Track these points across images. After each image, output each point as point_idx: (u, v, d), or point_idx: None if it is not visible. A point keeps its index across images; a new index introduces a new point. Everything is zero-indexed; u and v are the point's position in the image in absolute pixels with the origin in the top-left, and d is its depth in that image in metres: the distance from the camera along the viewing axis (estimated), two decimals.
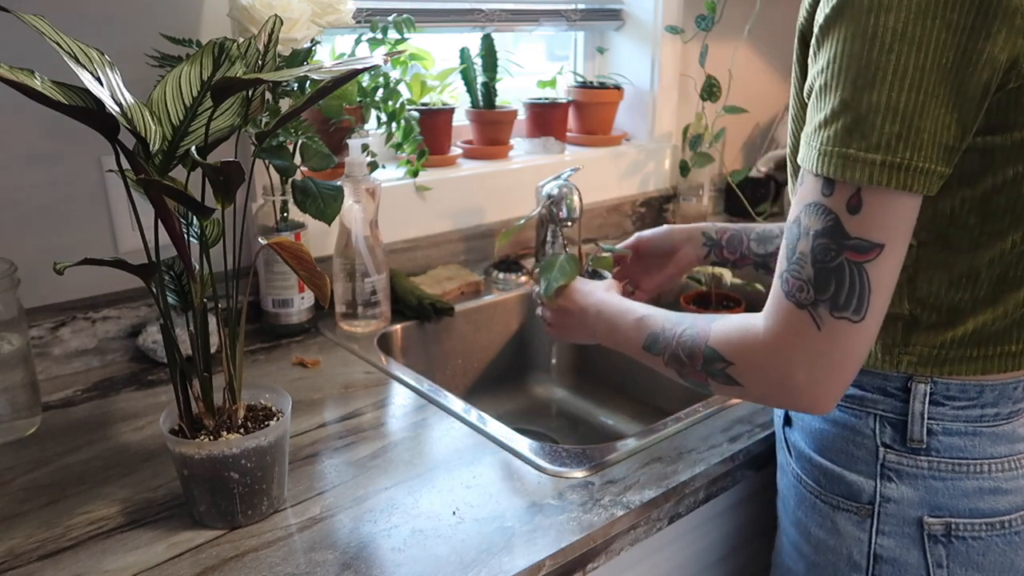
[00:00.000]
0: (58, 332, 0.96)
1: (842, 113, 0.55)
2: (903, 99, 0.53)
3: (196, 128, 0.63)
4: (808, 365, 0.59)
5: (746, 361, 0.64)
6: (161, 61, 0.93)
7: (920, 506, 0.67)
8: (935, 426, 0.66)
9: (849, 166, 0.55)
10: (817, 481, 0.73)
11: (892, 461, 0.68)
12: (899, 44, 0.53)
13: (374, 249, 1.08)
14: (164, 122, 0.61)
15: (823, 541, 0.73)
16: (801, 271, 0.59)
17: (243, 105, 0.66)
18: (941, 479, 0.67)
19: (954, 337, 0.65)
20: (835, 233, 0.57)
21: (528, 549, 0.66)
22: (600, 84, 1.60)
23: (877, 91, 0.54)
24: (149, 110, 0.60)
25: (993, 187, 0.60)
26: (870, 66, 0.54)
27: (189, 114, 0.62)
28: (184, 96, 0.62)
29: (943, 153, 0.55)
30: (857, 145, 0.55)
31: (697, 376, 0.69)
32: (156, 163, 0.62)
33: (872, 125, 0.54)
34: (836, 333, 0.58)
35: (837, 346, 0.58)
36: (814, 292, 0.58)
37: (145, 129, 0.58)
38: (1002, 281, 0.63)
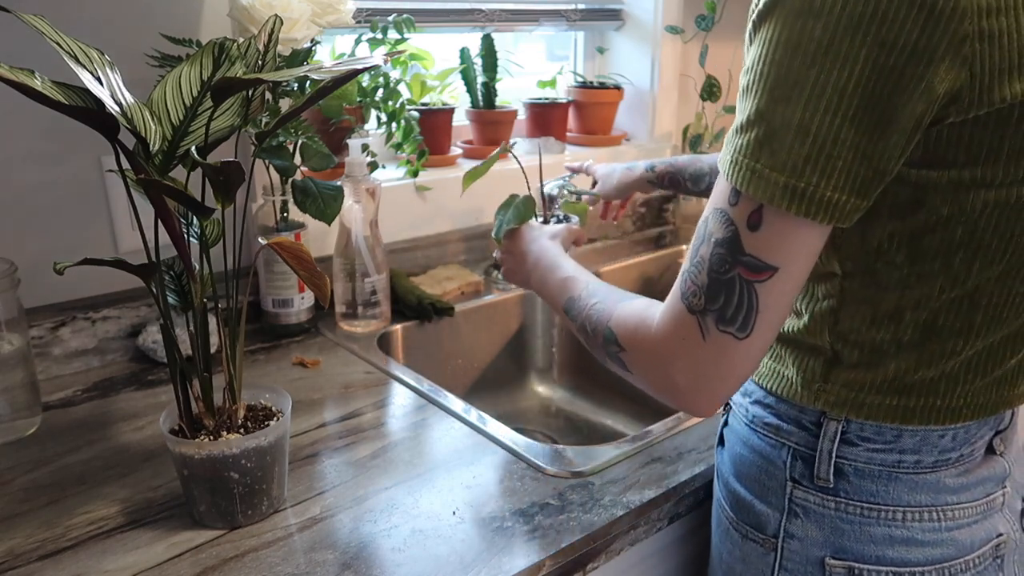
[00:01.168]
0: (58, 332, 0.96)
1: (756, 123, 0.51)
2: (817, 120, 0.48)
3: (196, 128, 0.63)
4: (689, 371, 0.57)
5: (636, 352, 0.62)
6: (161, 61, 0.93)
7: (823, 546, 0.64)
8: (846, 466, 0.63)
9: (754, 181, 0.51)
10: (732, 507, 0.71)
11: (799, 497, 0.65)
12: (822, 58, 0.47)
13: (374, 249, 1.08)
14: (164, 122, 0.61)
15: (732, 568, 0.72)
16: (697, 276, 0.56)
17: (243, 105, 0.66)
18: (848, 522, 0.63)
19: (874, 381, 0.62)
20: (732, 246, 0.54)
21: (528, 549, 0.66)
22: (600, 84, 1.60)
23: (792, 107, 0.49)
24: (149, 110, 0.60)
25: (925, 225, 0.55)
26: (788, 77, 0.49)
27: (189, 114, 0.62)
28: (184, 96, 0.62)
29: (857, 184, 0.50)
30: (765, 161, 0.51)
31: (598, 352, 0.68)
32: (156, 163, 0.62)
33: (781, 142, 0.50)
34: (720, 346, 0.55)
35: (720, 359, 0.56)
36: (704, 300, 0.56)
37: (145, 129, 0.58)
38: (929, 328, 0.59)
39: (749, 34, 0.54)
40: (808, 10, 0.48)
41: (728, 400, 0.60)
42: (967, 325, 0.58)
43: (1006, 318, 0.59)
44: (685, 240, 1.58)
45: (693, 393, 0.58)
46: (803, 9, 0.48)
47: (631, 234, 1.60)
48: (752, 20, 0.53)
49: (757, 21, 0.52)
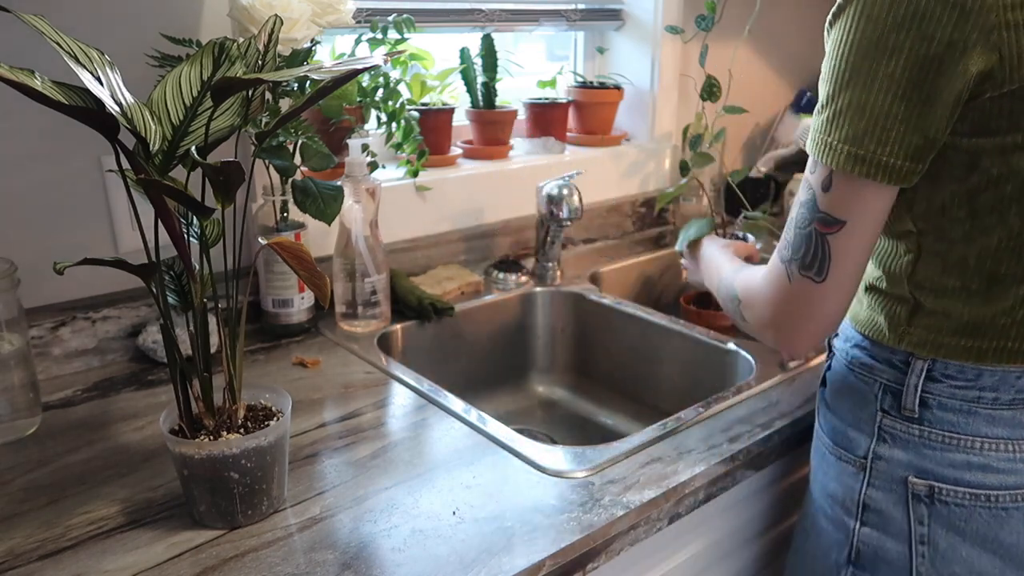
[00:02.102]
0: (58, 332, 0.96)
1: (827, 106, 0.65)
2: (871, 100, 0.61)
3: (196, 128, 0.63)
4: (779, 308, 0.72)
5: (747, 298, 0.79)
6: (161, 61, 0.93)
7: (908, 467, 0.73)
8: (930, 399, 0.72)
9: (827, 152, 0.65)
10: (829, 435, 0.80)
11: (887, 425, 0.74)
12: (874, 51, 0.61)
13: (374, 249, 1.08)
14: (164, 122, 0.61)
15: (826, 487, 0.81)
16: (788, 233, 0.70)
17: (243, 105, 0.66)
18: (930, 447, 0.72)
19: (950, 325, 0.70)
20: (811, 205, 0.67)
21: (528, 549, 0.66)
22: (600, 84, 1.60)
23: (851, 91, 0.62)
24: (149, 110, 0.60)
25: (979, 185, 0.65)
26: (848, 68, 0.62)
27: (189, 114, 0.62)
28: (184, 96, 0.62)
29: (910, 151, 0.62)
30: (834, 135, 0.64)
31: (733, 313, 0.84)
32: (156, 163, 0.62)
33: (845, 119, 0.63)
34: (802, 288, 0.69)
35: (801, 299, 0.70)
36: (791, 251, 0.70)
37: (145, 129, 0.58)
38: (992, 276, 0.68)
39: (825, 32, 0.67)
40: (863, 14, 0.61)
41: (817, 339, 0.72)
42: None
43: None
44: None
45: (785, 329, 0.73)
46: (860, 13, 0.61)
47: (631, 234, 1.60)
48: (827, 21, 0.66)
49: (829, 24, 0.65)
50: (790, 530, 1.00)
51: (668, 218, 1.67)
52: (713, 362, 1.12)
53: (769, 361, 1.02)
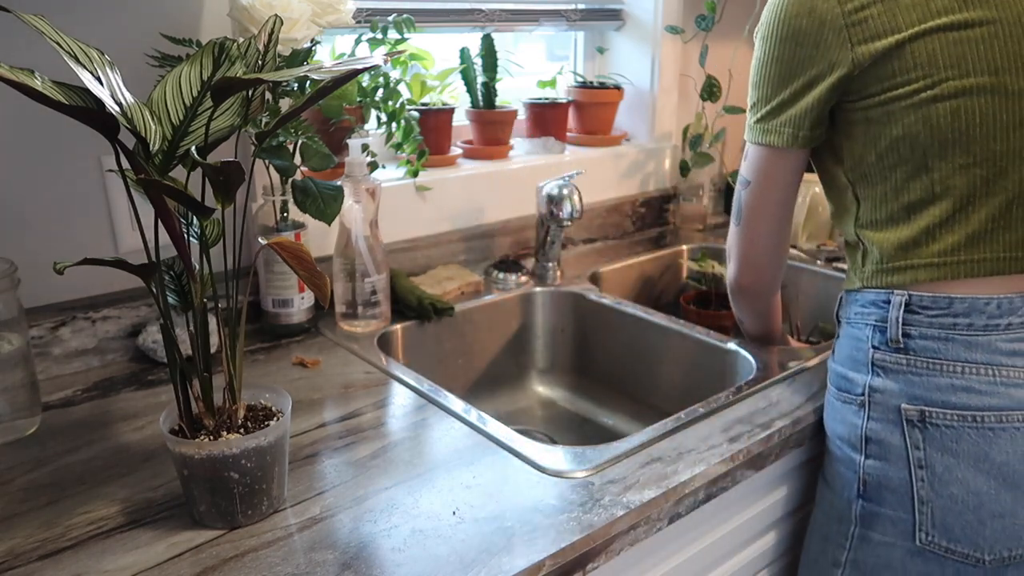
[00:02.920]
0: (58, 332, 0.96)
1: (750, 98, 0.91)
2: (761, 88, 0.88)
3: (196, 128, 0.63)
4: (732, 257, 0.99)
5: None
6: (161, 61, 0.93)
7: (900, 396, 0.80)
8: (911, 331, 0.80)
9: (748, 129, 0.91)
10: (836, 384, 0.88)
11: (879, 359, 0.82)
12: (766, 58, 0.86)
13: (374, 249, 1.08)
14: (164, 122, 0.61)
15: (835, 430, 0.87)
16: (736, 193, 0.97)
17: (243, 105, 0.66)
18: (917, 374, 0.79)
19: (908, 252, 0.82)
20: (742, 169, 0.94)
21: (528, 549, 0.66)
22: (600, 84, 1.60)
23: (757, 87, 0.89)
24: (149, 110, 0.60)
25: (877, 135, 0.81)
26: (756, 70, 0.89)
27: (189, 114, 0.62)
28: (184, 96, 0.62)
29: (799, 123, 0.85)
30: (752, 116, 0.90)
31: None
32: (156, 163, 0.62)
33: (753, 106, 0.90)
34: (732, 230, 0.98)
35: (733, 238, 0.98)
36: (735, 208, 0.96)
37: (145, 129, 0.58)
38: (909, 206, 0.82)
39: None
40: (762, 35, 0.88)
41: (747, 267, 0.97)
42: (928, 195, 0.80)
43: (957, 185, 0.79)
44: (685, 240, 1.58)
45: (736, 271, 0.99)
46: (761, 34, 0.88)
47: (631, 234, 1.60)
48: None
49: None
50: (790, 530, 1.00)
51: (668, 218, 1.67)
52: (713, 362, 1.12)
53: (769, 361, 1.02)
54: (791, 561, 1.03)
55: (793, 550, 1.02)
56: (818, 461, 0.95)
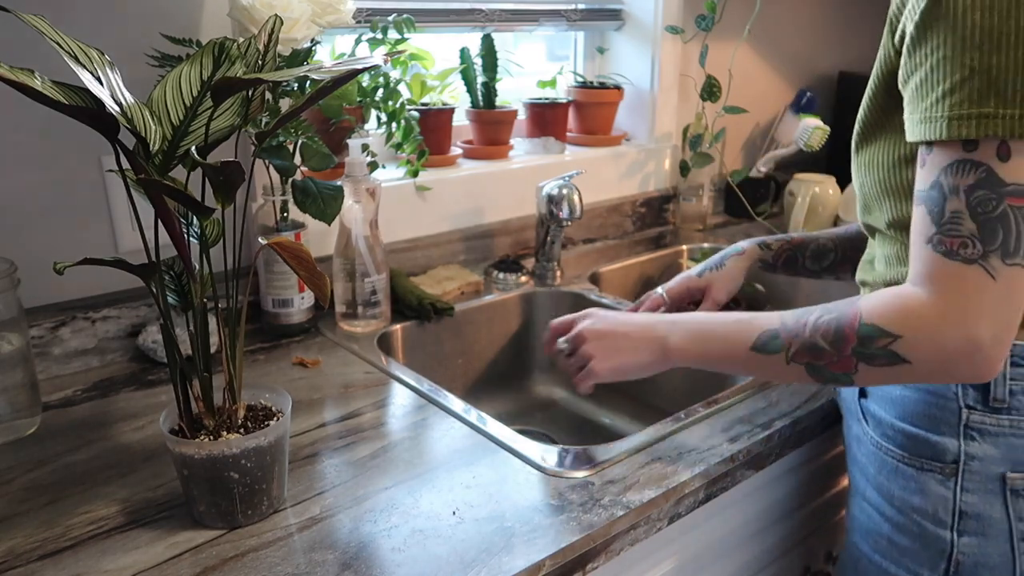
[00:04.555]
0: (58, 332, 0.96)
1: (972, 78, 0.58)
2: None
3: (196, 128, 0.63)
4: (992, 319, 0.60)
5: (917, 330, 0.62)
6: (161, 61, 0.93)
7: (1003, 462, 0.70)
8: (1016, 386, 0.69)
9: (991, 123, 0.58)
10: (901, 446, 0.75)
11: (975, 421, 0.70)
12: (1016, 9, 0.57)
13: (374, 249, 1.08)
14: (164, 122, 0.61)
15: (907, 501, 0.75)
16: (960, 227, 0.60)
17: (243, 105, 0.66)
18: (1022, 436, 0.69)
19: None
20: (991, 183, 0.59)
21: (528, 549, 0.66)
22: (600, 84, 1.60)
23: (1005, 54, 0.57)
24: (149, 110, 0.60)
25: None
26: (992, 32, 0.57)
27: (189, 114, 0.62)
28: (184, 96, 0.62)
29: None
30: (995, 103, 0.58)
31: (841, 364, 0.67)
32: (156, 163, 0.62)
33: (1006, 83, 0.57)
34: (1011, 279, 0.59)
35: (1014, 292, 0.60)
36: (982, 244, 0.59)
37: (145, 129, 0.58)
38: None
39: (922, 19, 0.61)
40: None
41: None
42: None
43: None
44: (685, 240, 1.58)
45: (997, 345, 0.61)
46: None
47: (631, 234, 1.60)
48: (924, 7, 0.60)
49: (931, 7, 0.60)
50: (790, 530, 1.00)
51: (668, 218, 1.67)
52: None
53: None
54: (791, 561, 1.03)
55: (793, 550, 1.02)
56: (818, 463, 0.95)
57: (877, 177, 0.74)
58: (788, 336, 0.69)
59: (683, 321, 0.77)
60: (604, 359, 0.78)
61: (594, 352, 0.78)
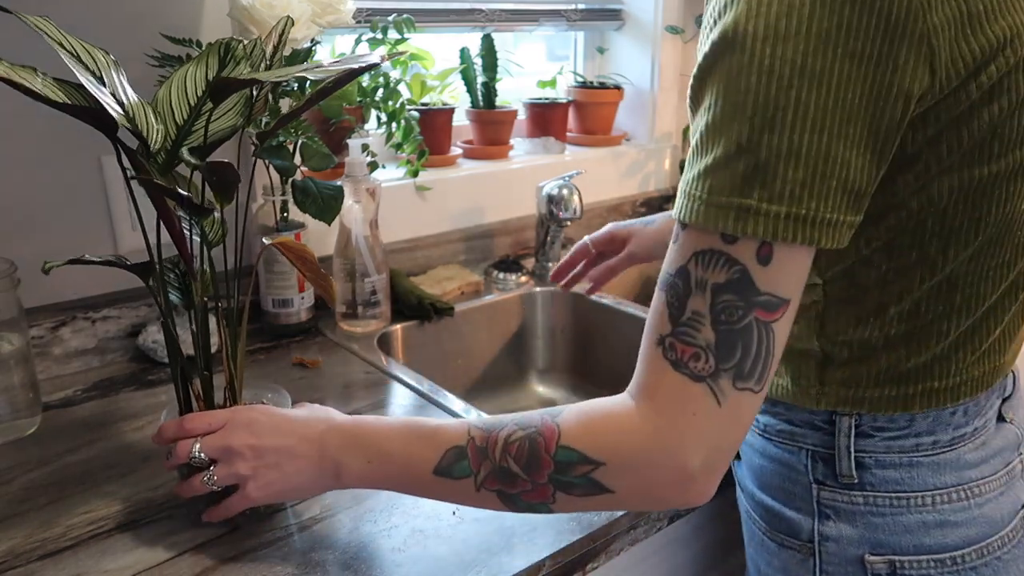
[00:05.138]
0: (58, 332, 0.96)
1: (738, 157, 0.47)
2: (806, 141, 0.46)
3: (199, 128, 0.63)
4: (705, 448, 0.50)
5: (623, 457, 0.52)
6: (161, 61, 0.93)
7: (860, 544, 0.63)
8: (866, 459, 0.62)
9: (752, 219, 0.47)
10: (763, 517, 0.69)
11: (827, 498, 0.64)
12: (799, 79, 0.46)
13: (374, 249, 1.08)
14: (168, 121, 0.61)
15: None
16: (697, 335, 0.49)
17: (246, 105, 0.66)
18: (880, 514, 0.62)
19: (868, 374, 0.61)
20: (743, 288, 0.48)
21: (528, 549, 0.66)
22: (600, 84, 1.60)
23: (778, 133, 0.46)
24: (154, 109, 0.60)
25: (898, 223, 0.55)
26: (768, 104, 0.46)
27: (193, 113, 0.62)
28: (189, 96, 0.61)
29: (852, 201, 0.48)
30: (758, 195, 0.47)
31: (536, 494, 0.55)
32: (158, 162, 0.62)
33: (774, 172, 0.47)
34: (737, 408, 0.50)
35: (737, 424, 0.51)
36: (715, 360, 0.49)
37: (147, 128, 0.58)
38: (914, 316, 0.59)
39: (701, 71, 0.50)
40: (773, 35, 0.46)
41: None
42: (949, 307, 0.58)
43: (985, 293, 0.59)
44: None
45: (708, 473, 0.51)
46: (767, 35, 0.46)
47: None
48: (704, 55, 0.49)
49: (712, 56, 0.49)
50: None
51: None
52: None
53: None
54: None
55: None
56: None
57: None
58: (476, 457, 0.56)
59: (359, 436, 0.62)
60: (262, 483, 0.62)
61: (248, 473, 0.62)
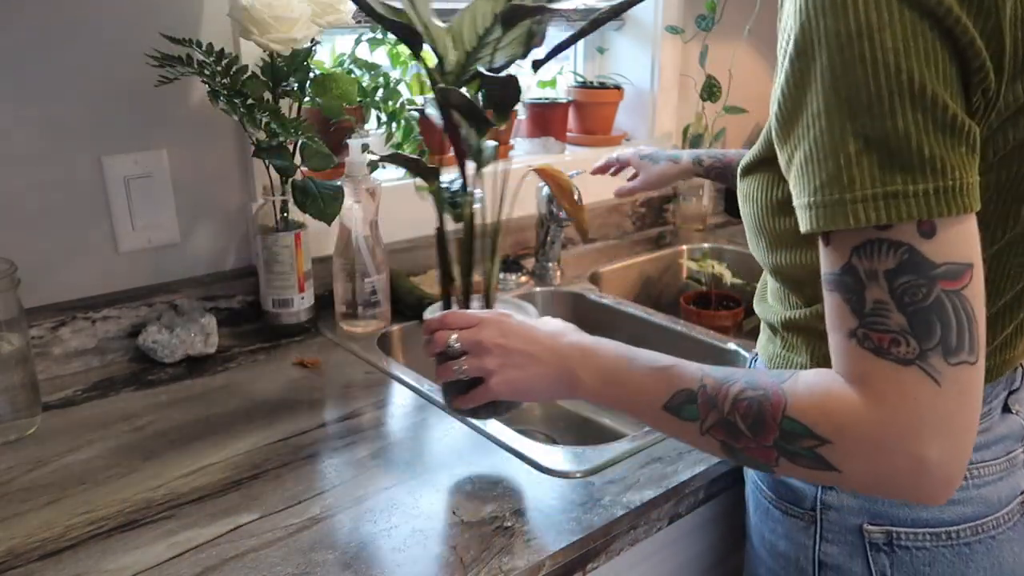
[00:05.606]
0: (58, 332, 0.96)
1: (868, 151, 0.47)
2: (930, 118, 0.47)
3: (484, 55, 0.71)
4: (940, 435, 0.48)
5: (849, 440, 0.51)
6: (161, 61, 0.93)
7: (860, 513, 0.65)
8: None
9: (903, 203, 0.47)
10: (769, 487, 0.72)
11: None
12: (906, 62, 0.46)
13: (374, 249, 1.08)
14: (459, 47, 0.70)
15: (775, 545, 0.72)
16: (888, 322, 0.48)
17: (527, 37, 0.71)
18: None
19: None
20: (917, 265, 0.47)
21: (528, 549, 0.66)
22: (600, 84, 1.60)
23: (901, 117, 0.47)
24: (451, 36, 0.69)
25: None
26: (882, 91, 0.47)
27: (480, 43, 0.69)
28: (477, 26, 0.69)
29: (973, 162, 0.49)
30: (902, 178, 0.47)
31: (760, 453, 0.55)
32: (448, 81, 0.69)
33: (911, 153, 0.47)
34: (960, 382, 0.48)
35: (964, 398, 0.48)
36: (917, 342, 0.48)
37: (442, 47, 0.69)
38: None
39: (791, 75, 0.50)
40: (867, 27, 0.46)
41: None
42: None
43: (1003, 290, 0.60)
44: (685, 240, 1.58)
45: (948, 462, 0.49)
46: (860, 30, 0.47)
47: (631, 234, 1.60)
48: (791, 58, 0.50)
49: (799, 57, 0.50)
50: None
51: (668, 218, 1.67)
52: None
53: None
54: None
55: None
56: None
57: (752, 211, 0.66)
58: (705, 405, 0.58)
59: (599, 356, 0.65)
60: (504, 377, 0.67)
61: (494, 368, 0.67)
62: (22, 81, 0.90)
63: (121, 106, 0.96)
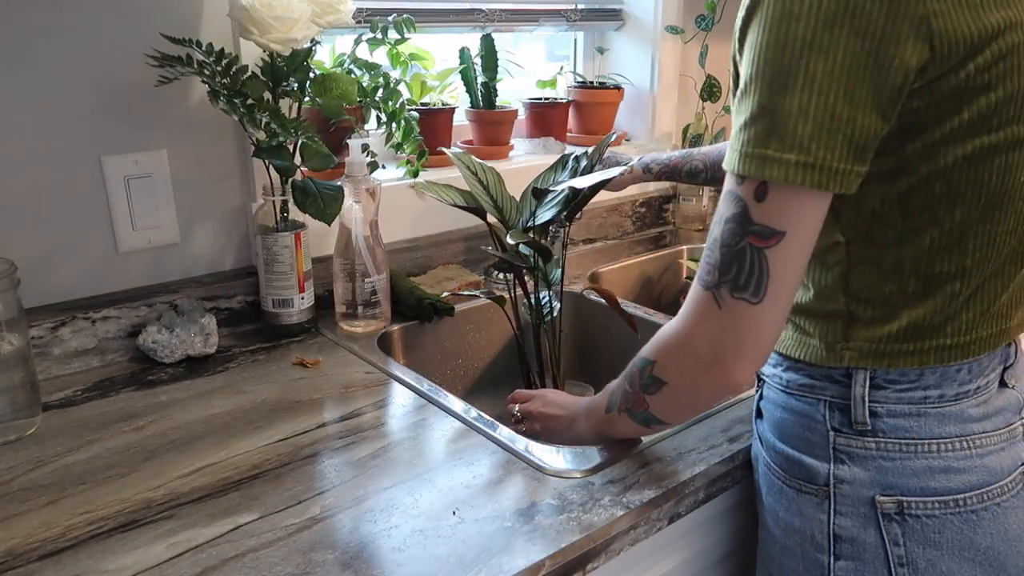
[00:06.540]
0: (58, 332, 0.96)
1: (759, 117, 0.59)
2: (814, 103, 0.57)
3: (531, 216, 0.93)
4: (711, 342, 0.64)
5: (664, 353, 0.69)
6: (161, 61, 0.93)
7: (872, 486, 0.70)
8: (879, 408, 0.69)
9: (768, 165, 0.58)
10: (782, 467, 0.76)
11: (842, 444, 0.71)
12: (808, 51, 0.56)
13: (374, 249, 1.08)
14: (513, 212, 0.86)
15: (790, 524, 0.76)
16: (711, 255, 0.63)
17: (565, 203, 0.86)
18: (890, 459, 0.69)
19: (890, 331, 0.69)
20: (741, 219, 0.61)
21: (528, 549, 0.66)
22: (600, 84, 1.60)
23: (789, 96, 0.57)
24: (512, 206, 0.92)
25: (909, 186, 0.64)
26: (782, 72, 0.57)
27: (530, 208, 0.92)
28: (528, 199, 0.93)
29: (857, 152, 0.59)
30: (775, 147, 0.58)
31: (639, 402, 0.73)
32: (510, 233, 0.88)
33: (786, 128, 0.58)
34: (735, 312, 0.62)
35: (736, 325, 0.62)
36: (718, 274, 0.62)
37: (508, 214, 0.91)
38: (929, 276, 0.67)
39: (736, 44, 0.63)
40: (788, 15, 0.57)
41: (757, 367, 0.65)
42: (960, 268, 0.66)
43: (992, 256, 0.67)
44: (685, 240, 1.58)
45: (719, 365, 0.64)
46: (783, 14, 0.57)
47: (631, 234, 1.60)
48: (738, 32, 0.62)
49: (741, 34, 0.61)
50: None
51: (668, 218, 1.67)
52: None
53: None
54: None
55: None
56: None
57: None
58: (614, 390, 0.78)
59: (593, 406, 0.84)
60: (547, 436, 0.90)
61: (539, 428, 0.91)
62: (22, 81, 0.90)
63: (121, 106, 0.96)
